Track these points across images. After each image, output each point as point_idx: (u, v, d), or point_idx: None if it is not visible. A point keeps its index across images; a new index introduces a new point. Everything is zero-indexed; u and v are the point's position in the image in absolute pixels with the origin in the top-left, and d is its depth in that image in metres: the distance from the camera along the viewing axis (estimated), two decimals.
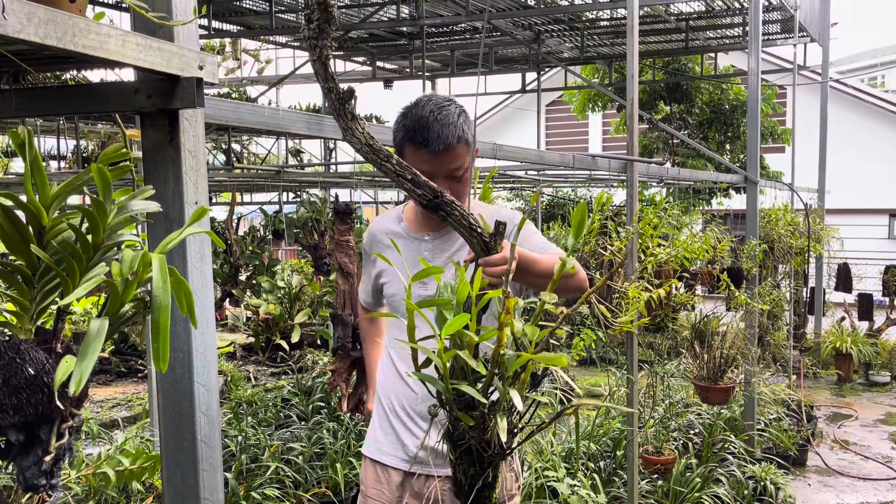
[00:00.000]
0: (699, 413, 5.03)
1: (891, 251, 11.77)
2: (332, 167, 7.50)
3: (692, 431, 4.93)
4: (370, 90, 9.63)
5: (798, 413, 5.71)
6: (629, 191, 3.47)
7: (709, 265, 5.87)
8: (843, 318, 8.12)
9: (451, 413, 1.20)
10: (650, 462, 3.93)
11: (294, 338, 5.52)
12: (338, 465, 4.11)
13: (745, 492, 4.37)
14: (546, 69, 9.23)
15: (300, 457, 4.25)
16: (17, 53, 0.96)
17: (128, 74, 1.14)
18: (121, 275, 0.90)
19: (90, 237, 0.94)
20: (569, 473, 3.86)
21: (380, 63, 8.61)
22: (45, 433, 0.87)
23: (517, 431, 1.24)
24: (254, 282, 5.65)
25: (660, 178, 5.69)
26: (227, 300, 5.71)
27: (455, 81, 8.59)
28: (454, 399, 1.19)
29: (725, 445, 4.72)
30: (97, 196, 0.93)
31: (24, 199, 0.94)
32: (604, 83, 9.06)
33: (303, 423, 4.93)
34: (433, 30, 7.26)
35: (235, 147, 9.42)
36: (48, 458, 0.87)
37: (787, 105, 9.09)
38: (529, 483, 3.76)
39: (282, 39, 7.83)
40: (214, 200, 9.94)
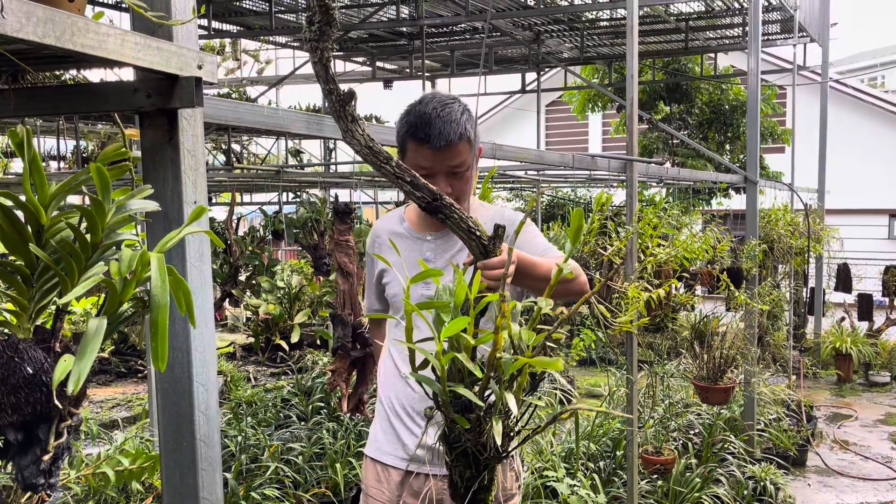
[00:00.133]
0: (699, 413, 5.03)
1: (891, 251, 11.77)
2: (332, 167, 7.51)
3: (692, 431, 4.93)
4: (370, 90, 9.65)
5: (798, 413, 5.71)
6: (629, 191, 3.47)
7: (708, 265, 5.88)
8: (843, 319, 8.12)
9: (448, 415, 1.20)
10: (650, 462, 3.93)
11: (294, 338, 5.52)
12: (337, 466, 4.11)
13: (745, 492, 4.37)
14: (546, 69, 9.23)
15: (300, 457, 4.25)
16: (16, 53, 0.96)
17: (127, 74, 1.14)
18: (119, 274, 0.90)
19: (89, 236, 0.94)
20: (568, 473, 3.86)
21: (380, 63, 8.62)
22: (44, 432, 0.87)
23: (514, 435, 1.24)
24: (253, 282, 5.65)
25: (659, 178, 5.69)
26: (227, 300, 5.71)
27: (455, 82, 8.60)
28: (450, 401, 1.19)
29: (725, 445, 4.72)
30: (96, 195, 0.93)
31: (23, 199, 0.94)
32: (603, 83, 9.06)
33: (302, 424, 4.93)
34: (433, 30, 7.26)
35: (235, 147, 9.42)
36: (46, 458, 0.87)
37: (787, 105, 9.09)
38: (529, 483, 3.76)
39: (281, 40, 7.83)
40: (214, 200, 9.94)
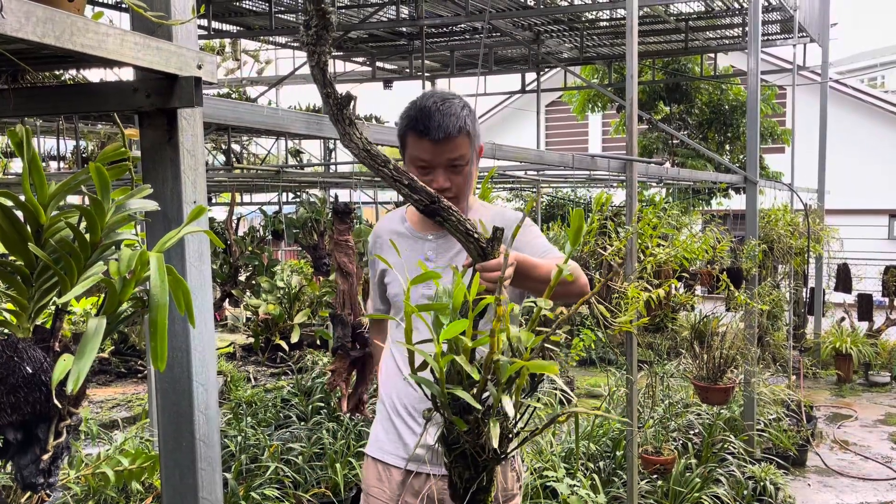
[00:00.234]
0: (699, 413, 5.03)
1: (890, 252, 11.77)
2: (332, 167, 7.51)
3: (692, 431, 4.93)
4: (370, 90, 9.64)
5: (798, 413, 5.71)
6: (628, 191, 3.47)
7: (708, 265, 5.88)
8: (843, 319, 8.12)
9: (446, 417, 1.20)
10: (650, 462, 3.93)
11: (294, 338, 5.52)
12: (337, 466, 4.11)
13: (745, 492, 4.37)
14: (546, 69, 9.23)
15: (300, 457, 4.25)
16: (16, 52, 0.96)
17: (127, 74, 1.14)
18: (119, 274, 0.90)
19: (88, 236, 0.94)
20: (568, 473, 3.86)
21: (379, 63, 8.62)
22: (43, 432, 0.87)
23: (512, 436, 1.24)
24: (253, 282, 5.65)
25: (659, 179, 5.69)
26: (227, 300, 5.71)
27: (455, 82, 8.60)
28: (449, 403, 1.19)
29: (725, 445, 4.72)
30: (95, 195, 0.93)
31: (23, 199, 0.94)
32: (603, 83, 9.06)
33: (302, 424, 4.93)
34: (433, 30, 7.26)
35: (235, 147, 9.42)
36: (46, 457, 0.87)
37: (787, 105, 9.10)
38: (529, 483, 3.76)
39: (281, 40, 7.82)
40: (214, 201, 9.94)
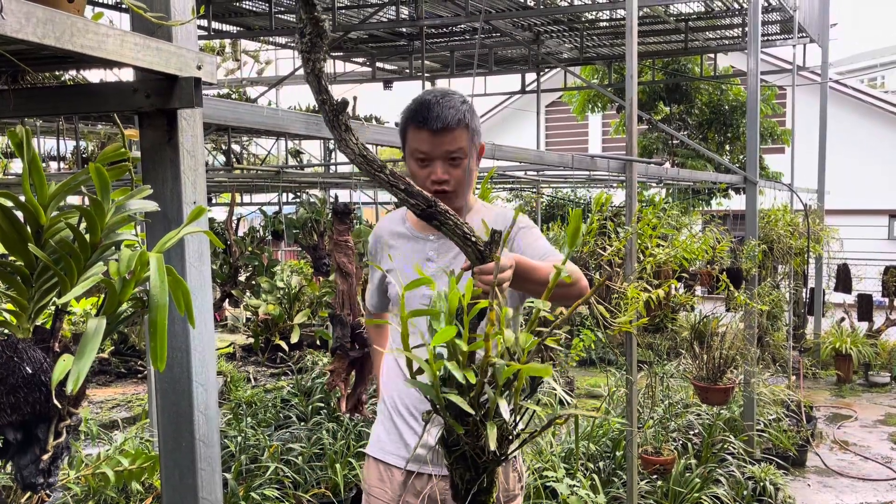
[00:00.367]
0: (698, 413, 5.03)
1: (890, 252, 11.78)
2: (332, 168, 7.51)
3: (691, 432, 4.93)
4: (370, 91, 9.64)
5: (797, 413, 5.71)
6: (628, 191, 3.47)
7: (708, 265, 5.88)
8: (843, 319, 8.12)
9: (445, 420, 1.20)
10: (649, 462, 3.93)
11: (293, 338, 5.51)
12: (337, 466, 4.11)
13: (745, 492, 4.37)
14: (546, 70, 9.23)
15: (300, 457, 4.25)
16: (16, 53, 0.96)
17: (127, 74, 1.14)
18: (118, 274, 0.91)
19: (88, 237, 0.95)
20: (568, 474, 3.86)
21: (379, 64, 8.62)
22: (43, 432, 0.87)
23: (512, 438, 1.24)
24: (253, 282, 5.65)
25: (659, 179, 5.69)
26: (227, 301, 5.71)
27: (455, 82, 8.60)
28: (446, 406, 1.19)
29: (725, 446, 4.72)
30: (95, 196, 0.93)
31: (23, 199, 0.94)
32: (603, 84, 9.06)
33: (302, 424, 4.93)
34: (432, 31, 7.26)
35: (235, 148, 9.42)
36: (46, 457, 0.87)
37: (787, 106, 9.10)
38: (529, 483, 3.76)
39: (281, 40, 7.83)
40: (214, 201, 9.94)
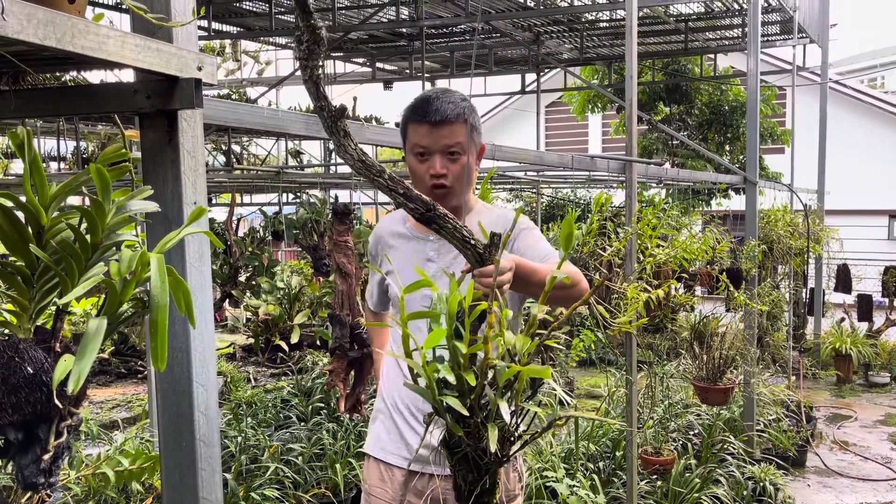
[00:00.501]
0: (698, 414, 5.03)
1: (890, 252, 11.78)
2: (332, 168, 7.51)
3: (691, 432, 4.93)
4: (370, 91, 9.64)
5: (797, 414, 5.72)
6: (628, 191, 3.47)
7: (708, 266, 5.88)
8: (843, 319, 8.12)
9: (446, 422, 1.21)
10: (649, 462, 3.93)
11: (293, 339, 5.52)
12: (337, 466, 4.11)
13: (745, 492, 4.37)
14: (546, 70, 9.24)
15: (300, 457, 4.25)
16: (17, 54, 0.96)
17: (127, 76, 1.14)
18: (119, 274, 0.91)
19: (89, 237, 0.95)
20: (568, 474, 3.86)
21: (379, 64, 8.62)
22: (44, 432, 0.88)
23: (514, 440, 1.24)
24: (253, 283, 5.65)
25: (659, 179, 5.69)
26: (227, 301, 5.71)
27: (454, 82, 8.61)
28: (447, 409, 1.19)
29: (725, 446, 4.72)
30: (96, 196, 0.94)
31: (24, 200, 0.95)
32: (603, 84, 9.06)
33: (302, 424, 4.93)
34: (433, 31, 7.27)
35: (235, 148, 9.42)
36: (47, 457, 0.88)
37: (787, 106, 9.10)
38: (529, 484, 3.77)
39: (281, 41, 7.83)
40: (214, 201, 9.94)
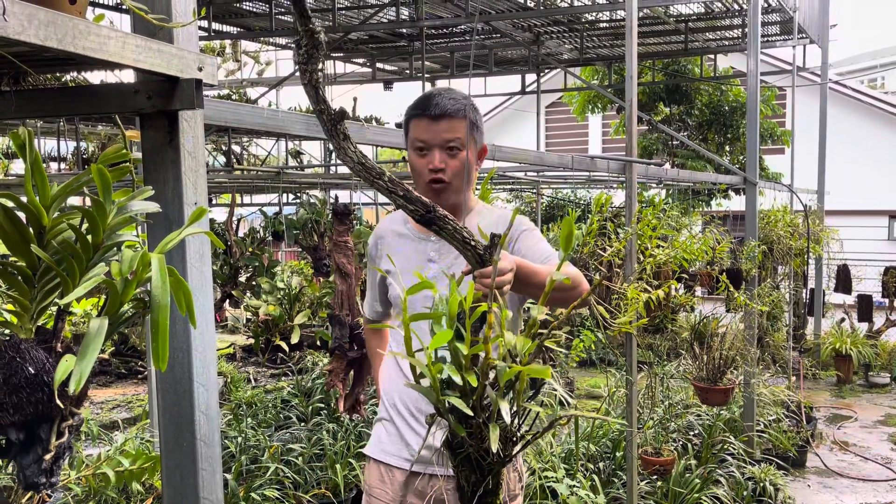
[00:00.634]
0: (698, 414, 5.03)
1: (890, 252, 11.79)
2: (332, 168, 7.51)
3: (691, 432, 4.93)
4: (370, 91, 9.65)
5: (797, 414, 5.72)
6: (628, 192, 3.47)
7: (708, 266, 5.88)
8: (843, 320, 8.12)
9: (449, 422, 1.21)
10: (649, 463, 3.93)
11: (294, 339, 5.51)
12: (337, 467, 4.12)
13: (745, 493, 4.37)
14: (546, 71, 9.24)
15: (300, 458, 4.25)
16: (18, 55, 0.96)
17: (128, 76, 1.14)
18: (120, 274, 0.91)
19: (90, 237, 0.95)
20: (568, 474, 3.87)
21: (380, 64, 8.63)
22: (45, 432, 0.88)
23: (516, 440, 1.25)
24: (253, 283, 5.65)
25: (659, 180, 5.69)
26: (227, 301, 5.71)
27: (454, 83, 8.61)
28: (449, 409, 1.19)
29: (725, 446, 4.72)
30: (97, 197, 0.94)
31: (25, 200, 0.95)
32: (603, 85, 9.06)
33: (302, 425, 4.94)
34: (433, 31, 7.27)
35: (235, 148, 9.42)
36: (48, 457, 0.88)
37: (787, 106, 9.10)
38: (529, 484, 3.77)
39: (282, 41, 7.83)
40: (214, 202, 9.94)
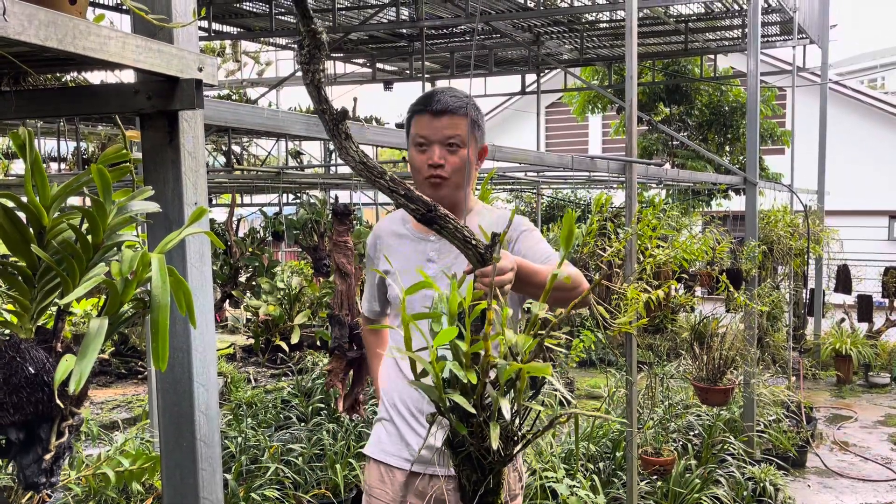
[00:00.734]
0: (698, 414, 5.03)
1: (890, 253, 11.79)
2: (332, 169, 7.51)
3: (691, 432, 4.93)
4: (370, 92, 9.65)
5: (797, 414, 5.72)
6: (628, 192, 3.47)
7: (708, 266, 5.88)
8: (843, 320, 8.12)
9: (450, 421, 1.21)
10: (649, 463, 3.93)
11: (294, 339, 5.51)
12: (337, 467, 4.12)
13: (745, 493, 4.37)
14: (546, 71, 9.24)
15: (300, 458, 4.25)
16: (18, 55, 0.96)
17: (128, 76, 1.14)
18: (120, 274, 0.91)
19: (90, 237, 0.95)
20: (568, 474, 3.86)
21: (380, 65, 8.62)
22: (45, 432, 0.88)
23: (517, 439, 1.25)
24: (253, 283, 5.66)
25: (659, 180, 5.69)
26: (227, 301, 5.71)
27: (454, 83, 8.61)
28: (451, 408, 1.19)
29: (725, 447, 4.72)
30: (97, 197, 0.94)
31: (25, 200, 0.95)
32: (603, 85, 9.06)
33: (302, 425, 4.94)
34: (433, 32, 7.27)
35: (235, 149, 9.42)
36: (48, 457, 0.88)
37: (787, 107, 9.10)
38: (529, 484, 3.77)
39: (282, 41, 7.84)
40: (214, 202, 9.94)
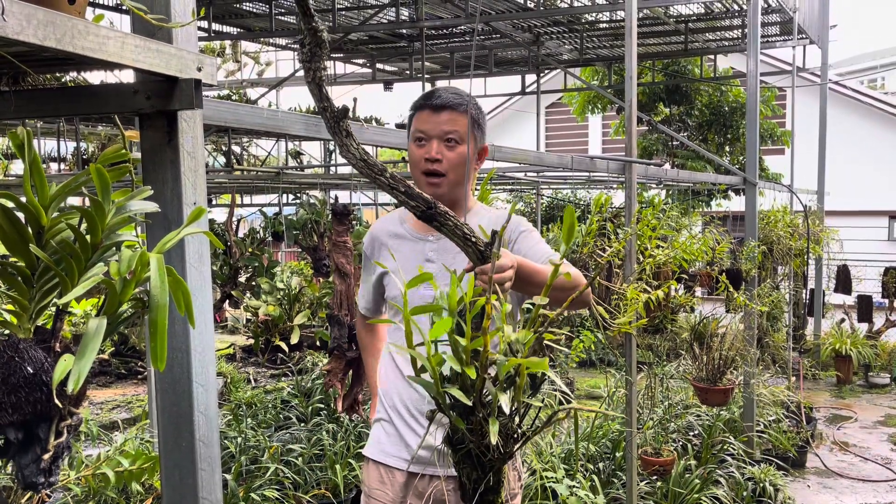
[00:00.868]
0: (698, 414, 5.03)
1: (890, 253, 11.78)
2: (332, 169, 7.51)
3: (691, 433, 4.93)
4: (370, 92, 9.66)
5: (797, 414, 5.72)
6: (627, 192, 3.47)
7: (708, 267, 5.88)
8: (843, 320, 8.12)
9: (449, 417, 1.21)
10: (649, 463, 3.93)
11: (293, 339, 5.51)
12: (337, 467, 4.12)
13: (745, 493, 4.37)
14: (546, 71, 9.24)
15: (300, 458, 4.25)
16: (17, 55, 0.96)
17: (127, 76, 1.14)
18: (119, 274, 0.91)
19: (89, 237, 0.95)
20: (568, 474, 3.86)
21: (380, 65, 8.63)
22: (44, 431, 0.88)
23: (517, 436, 1.25)
24: (253, 283, 5.65)
25: (659, 180, 5.70)
26: (227, 302, 5.71)
27: (454, 83, 8.61)
28: (450, 404, 1.19)
29: (724, 447, 4.72)
30: (96, 197, 0.94)
31: (24, 200, 0.95)
32: (603, 85, 9.06)
33: (302, 425, 4.94)
34: (432, 32, 7.27)
35: (235, 149, 9.43)
36: (47, 457, 0.88)
37: (787, 107, 9.11)
38: (528, 484, 3.77)
39: (282, 41, 7.84)
40: (214, 202, 9.94)
